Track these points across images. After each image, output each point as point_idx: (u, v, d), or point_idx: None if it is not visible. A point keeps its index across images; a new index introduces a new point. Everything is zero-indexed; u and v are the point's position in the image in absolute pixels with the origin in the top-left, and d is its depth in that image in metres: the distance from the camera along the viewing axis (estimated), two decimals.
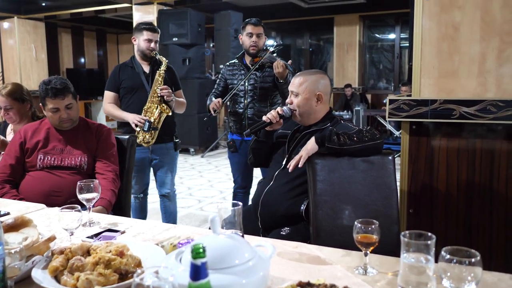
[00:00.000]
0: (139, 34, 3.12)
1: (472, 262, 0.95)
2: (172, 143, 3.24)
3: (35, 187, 2.24)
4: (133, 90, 3.12)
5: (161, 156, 3.20)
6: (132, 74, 3.14)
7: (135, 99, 3.12)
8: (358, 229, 1.24)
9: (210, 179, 6.00)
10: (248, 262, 1.01)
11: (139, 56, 3.16)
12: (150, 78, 3.12)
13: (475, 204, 2.24)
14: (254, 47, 3.11)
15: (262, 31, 3.14)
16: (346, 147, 1.87)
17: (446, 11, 2.20)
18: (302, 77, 2.14)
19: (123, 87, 3.14)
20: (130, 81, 3.13)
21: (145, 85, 3.11)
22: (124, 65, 3.21)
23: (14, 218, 1.37)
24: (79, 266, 1.14)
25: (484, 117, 2.13)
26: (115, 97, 3.18)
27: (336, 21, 9.95)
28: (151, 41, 3.09)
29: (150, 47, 3.09)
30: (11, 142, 2.38)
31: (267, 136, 2.27)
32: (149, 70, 3.15)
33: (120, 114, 3.12)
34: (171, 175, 3.32)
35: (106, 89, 3.20)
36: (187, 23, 7.23)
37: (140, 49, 3.12)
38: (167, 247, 1.33)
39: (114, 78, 3.17)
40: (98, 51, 11.95)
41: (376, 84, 10.69)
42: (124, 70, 3.17)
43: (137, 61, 3.17)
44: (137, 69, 3.14)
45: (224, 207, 1.26)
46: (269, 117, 2.18)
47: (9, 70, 8.94)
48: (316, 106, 2.12)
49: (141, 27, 3.13)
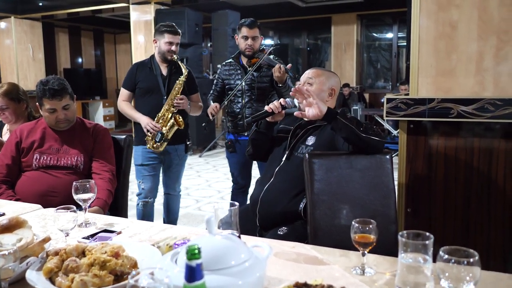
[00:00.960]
0: (160, 36, 3.08)
1: (470, 262, 0.94)
2: (183, 145, 3.21)
3: (31, 187, 2.23)
4: (148, 92, 3.09)
5: (171, 157, 3.18)
6: (150, 75, 3.09)
7: (149, 101, 3.08)
8: (356, 229, 1.23)
9: (208, 178, 5.99)
10: (244, 263, 1.00)
11: (159, 58, 3.11)
12: (167, 81, 3.08)
13: (473, 203, 2.24)
14: (250, 49, 3.10)
15: (257, 33, 3.12)
16: (353, 128, 1.82)
17: (443, 10, 2.19)
18: (319, 70, 2.20)
19: (138, 87, 3.11)
20: (146, 82, 3.09)
21: (161, 88, 3.07)
22: (143, 64, 3.16)
23: (9, 219, 1.36)
24: (74, 268, 1.13)
25: (482, 116, 2.13)
26: (130, 95, 3.15)
27: (333, 20, 9.95)
28: (172, 44, 3.05)
29: (171, 49, 3.05)
30: (7, 142, 2.36)
31: (267, 128, 2.26)
32: (167, 73, 3.11)
33: (133, 114, 3.09)
34: (178, 177, 3.30)
35: (123, 86, 3.17)
36: (184, 22, 7.21)
37: (161, 51, 3.08)
38: (163, 248, 1.32)
39: (130, 76, 3.14)
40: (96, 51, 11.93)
41: (374, 83, 10.69)
42: (142, 69, 3.12)
43: (156, 62, 3.12)
44: (155, 70, 3.09)
45: (220, 207, 1.25)
46: (272, 107, 2.18)
47: (6, 70, 8.92)
48: (327, 100, 2.14)
49: (162, 29, 3.08)
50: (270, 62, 3.02)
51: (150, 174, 3.15)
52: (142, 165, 3.13)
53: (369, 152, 1.88)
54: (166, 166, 3.23)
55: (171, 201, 3.35)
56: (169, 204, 3.37)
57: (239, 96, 3.14)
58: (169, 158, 3.18)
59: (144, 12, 7.58)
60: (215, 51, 7.83)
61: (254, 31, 3.10)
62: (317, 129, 2.12)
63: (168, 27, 3.08)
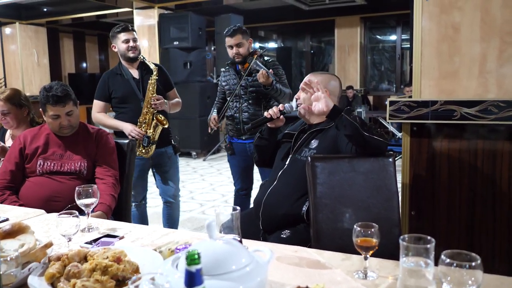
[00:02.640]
0: (116, 39, 3.03)
1: (472, 266, 0.94)
2: (171, 147, 3.17)
3: (35, 193, 2.23)
4: (125, 99, 3.04)
5: (161, 161, 3.14)
6: (122, 82, 3.04)
7: (127, 108, 3.04)
8: (358, 232, 1.22)
9: (212, 182, 5.99)
10: (245, 267, 1.00)
11: (125, 61, 3.07)
12: (141, 84, 3.04)
13: (478, 205, 2.23)
14: (238, 56, 3.11)
15: (241, 39, 3.10)
16: (357, 125, 1.82)
17: (445, 12, 2.19)
18: (313, 75, 2.19)
19: (114, 97, 3.05)
20: (120, 90, 3.03)
21: (136, 92, 3.02)
22: (113, 73, 3.10)
23: (11, 225, 1.36)
24: (76, 273, 1.13)
25: (485, 118, 2.12)
26: (105, 106, 3.10)
27: (337, 23, 9.95)
28: (128, 40, 2.99)
29: (130, 46, 2.99)
30: (11, 148, 2.38)
31: (270, 134, 2.27)
32: (139, 76, 3.06)
33: (114, 123, 3.04)
34: (174, 181, 3.25)
35: (95, 98, 3.10)
36: (187, 26, 7.24)
37: (122, 53, 3.03)
38: (165, 253, 1.32)
39: (103, 87, 3.07)
40: (100, 55, 11.99)
41: (377, 85, 10.67)
42: (113, 78, 3.06)
43: (124, 67, 3.07)
44: (126, 76, 3.04)
45: (222, 211, 1.25)
46: (270, 113, 2.21)
47: (11, 75, 8.98)
48: None
49: (114, 32, 3.04)
50: (257, 67, 3.03)
51: (138, 180, 3.10)
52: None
53: (371, 152, 1.88)
54: (158, 171, 3.19)
55: (171, 210, 3.29)
56: (168, 214, 3.30)
57: (236, 101, 3.17)
58: (159, 162, 3.14)
59: (147, 17, 7.62)
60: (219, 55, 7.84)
61: (236, 38, 3.10)
62: (320, 132, 2.11)
63: (119, 27, 3.04)
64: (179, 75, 7.39)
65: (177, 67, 7.40)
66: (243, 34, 3.13)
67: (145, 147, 3.00)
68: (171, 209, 3.29)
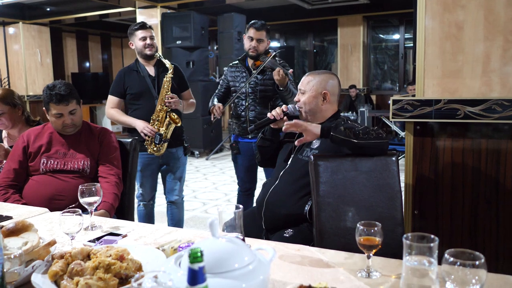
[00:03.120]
0: (133, 37, 3.07)
1: (476, 265, 0.93)
2: (181, 148, 3.18)
3: (38, 191, 2.24)
4: (139, 96, 3.05)
5: (170, 161, 3.14)
6: (138, 79, 3.06)
7: (141, 105, 3.06)
8: (361, 231, 1.22)
9: (214, 181, 6.00)
10: (248, 265, 0.99)
11: (141, 58, 3.10)
12: (156, 82, 3.06)
13: (481, 204, 2.22)
14: (253, 50, 3.10)
15: (264, 36, 3.11)
16: (350, 140, 1.84)
17: (449, 11, 2.18)
18: (311, 76, 2.18)
19: (129, 93, 3.07)
20: (136, 87, 3.05)
21: (151, 89, 3.05)
22: (129, 69, 3.13)
23: (15, 223, 1.37)
24: (79, 271, 1.13)
25: (489, 117, 2.11)
26: (119, 102, 3.12)
27: (339, 22, 9.93)
28: (145, 38, 3.03)
29: (146, 44, 3.03)
30: (14, 147, 2.38)
31: (273, 135, 2.27)
32: (155, 73, 3.09)
33: (126, 120, 3.05)
34: (180, 182, 3.26)
35: (110, 93, 3.12)
36: (190, 26, 7.24)
37: (139, 50, 3.06)
38: (168, 251, 1.32)
39: (119, 83, 3.10)
40: (103, 55, 12.01)
41: (381, 84, 10.65)
42: (130, 74, 3.09)
43: (141, 64, 3.10)
44: (142, 72, 3.07)
45: (224, 210, 1.25)
46: (274, 114, 2.21)
47: (15, 75, 9.01)
48: (322, 105, 2.13)
49: (132, 29, 3.08)
50: (273, 66, 3.01)
51: (148, 179, 3.12)
52: (140, 171, 3.09)
53: (373, 155, 1.88)
54: (165, 171, 3.19)
55: (175, 210, 3.29)
56: (173, 214, 3.30)
57: (242, 99, 3.14)
58: (168, 162, 3.14)
59: (150, 16, 7.63)
60: (221, 54, 7.85)
61: (260, 33, 3.09)
62: None
63: (137, 25, 3.08)
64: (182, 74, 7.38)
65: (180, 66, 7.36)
66: (267, 32, 3.14)
67: (157, 145, 3.00)
68: (176, 209, 3.29)
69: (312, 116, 2.15)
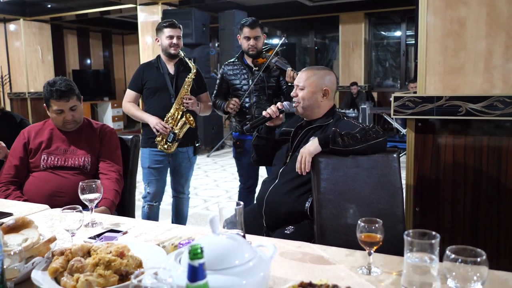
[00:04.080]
0: (161, 33, 3.07)
1: (477, 262, 0.93)
2: (192, 147, 3.16)
3: (39, 188, 2.24)
4: (156, 91, 3.05)
5: (179, 159, 3.13)
6: (157, 75, 3.06)
7: (157, 101, 3.05)
8: (362, 228, 1.22)
9: (215, 178, 6.00)
10: (248, 262, 0.99)
11: (165, 55, 3.09)
12: (175, 80, 3.06)
13: (482, 201, 2.21)
14: (253, 49, 3.09)
15: (259, 32, 3.09)
16: (350, 148, 1.85)
17: (451, 7, 2.17)
18: (310, 71, 2.16)
19: (146, 88, 3.07)
20: (154, 82, 3.05)
21: (169, 87, 3.04)
22: (150, 64, 3.13)
23: (15, 219, 1.37)
24: (79, 267, 1.13)
25: (491, 114, 2.10)
26: (136, 96, 3.13)
27: (341, 19, 9.91)
28: (172, 37, 3.03)
29: (173, 43, 3.03)
30: (15, 143, 2.38)
31: (268, 133, 2.26)
32: (174, 72, 3.08)
33: (140, 115, 3.05)
34: (187, 180, 3.26)
35: (129, 87, 3.14)
36: (191, 23, 7.23)
37: (164, 48, 3.06)
38: (168, 248, 1.32)
39: (137, 77, 3.11)
40: (104, 52, 12.00)
41: (382, 82, 10.64)
42: (149, 70, 3.10)
43: (162, 61, 3.10)
44: (162, 69, 3.06)
45: (225, 206, 1.25)
46: (269, 112, 2.21)
47: (16, 71, 9.01)
48: (322, 101, 2.12)
49: (161, 25, 3.08)
50: (282, 67, 3.00)
51: (156, 178, 3.11)
52: (149, 168, 3.10)
53: (374, 153, 1.88)
54: (174, 169, 3.19)
55: (180, 204, 3.31)
56: (178, 207, 3.33)
57: (246, 96, 3.12)
58: (177, 160, 3.13)
59: (151, 13, 7.62)
60: (222, 51, 7.83)
61: (255, 31, 3.08)
62: (319, 129, 2.10)
63: (166, 22, 3.07)
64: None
65: None
66: (261, 28, 3.13)
67: (168, 143, 2.99)
68: (180, 203, 3.30)
69: (309, 112, 2.14)
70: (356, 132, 1.87)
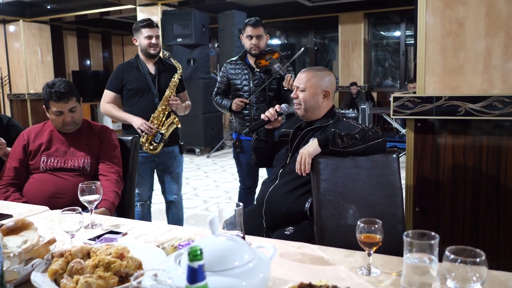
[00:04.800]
0: (138, 33, 3.02)
1: (477, 262, 0.93)
2: (177, 147, 3.14)
3: (39, 190, 2.24)
4: (138, 93, 3.00)
5: (167, 161, 3.11)
6: (138, 76, 3.01)
7: (140, 102, 3.00)
8: (361, 228, 1.22)
9: (215, 179, 6.00)
10: (248, 263, 0.99)
11: (144, 56, 3.06)
12: (157, 80, 3.03)
13: (482, 201, 2.21)
14: (255, 48, 3.08)
15: (262, 31, 3.10)
16: (350, 149, 1.85)
17: (450, 7, 2.17)
18: (310, 73, 2.15)
19: (127, 89, 3.02)
20: (135, 83, 3.00)
21: (151, 87, 3.00)
22: (129, 65, 3.08)
23: (15, 221, 1.37)
24: (79, 269, 1.13)
25: (490, 114, 2.10)
26: (116, 97, 3.07)
27: (340, 19, 9.91)
28: (151, 37, 2.99)
29: (151, 43, 2.99)
30: (15, 145, 2.38)
31: (267, 135, 2.26)
32: (155, 71, 3.05)
33: (123, 116, 2.99)
34: (178, 181, 3.22)
35: (107, 88, 3.07)
36: (191, 23, 7.23)
37: (143, 48, 3.02)
38: (168, 249, 1.32)
39: (117, 78, 3.05)
40: (104, 53, 12.00)
41: (381, 82, 10.64)
42: (129, 70, 3.04)
43: (142, 61, 3.05)
44: (142, 70, 3.02)
45: (224, 207, 1.25)
46: (267, 115, 2.21)
47: (15, 73, 9.01)
48: (322, 102, 2.12)
49: (138, 25, 3.03)
50: (282, 72, 2.99)
51: (144, 178, 3.08)
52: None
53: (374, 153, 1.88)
54: (163, 171, 3.15)
55: (174, 210, 3.26)
56: (173, 213, 3.27)
57: (246, 97, 3.12)
58: (165, 161, 3.10)
59: (151, 14, 7.62)
60: (222, 51, 7.83)
61: (258, 30, 3.08)
62: (318, 130, 2.10)
63: (143, 22, 3.02)
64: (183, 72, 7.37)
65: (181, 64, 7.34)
66: (264, 28, 3.12)
67: (155, 144, 2.96)
68: (175, 208, 3.26)
69: (310, 113, 2.14)
70: (356, 133, 1.87)
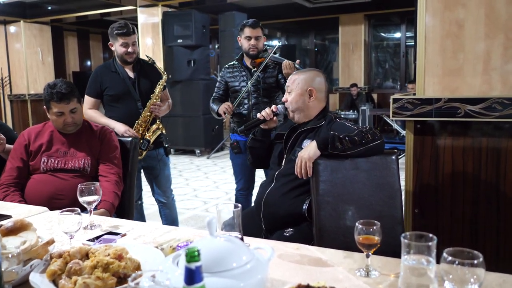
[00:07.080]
0: (114, 39, 2.92)
1: (474, 264, 0.93)
2: (162, 149, 3.10)
3: (39, 190, 2.24)
4: (119, 98, 2.94)
5: (152, 164, 3.09)
6: (117, 81, 2.94)
7: (121, 108, 2.95)
8: (359, 230, 1.22)
9: (215, 180, 5.99)
10: (246, 265, 0.99)
11: (120, 61, 2.97)
12: (137, 84, 2.96)
13: (482, 203, 2.21)
14: (254, 49, 3.09)
15: (260, 32, 3.10)
16: (349, 152, 1.85)
17: (449, 9, 2.17)
18: (296, 74, 2.18)
19: (107, 94, 2.96)
20: (115, 89, 2.94)
21: (132, 92, 2.93)
22: (106, 68, 2.99)
23: (14, 222, 1.37)
24: (77, 270, 1.13)
25: (489, 115, 2.10)
26: (97, 103, 3.00)
27: (341, 20, 9.92)
28: (127, 45, 2.89)
29: (127, 51, 2.89)
30: (15, 145, 2.38)
31: (263, 135, 2.27)
32: (135, 75, 2.97)
33: (106, 122, 2.87)
34: (166, 181, 3.20)
35: (87, 93, 2.99)
36: (191, 24, 7.24)
37: (119, 55, 2.93)
38: (167, 250, 1.32)
39: (95, 83, 2.97)
40: (104, 54, 12.01)
41: (382, 83, 10.64)
42: (107, 74, 2.96)
43: (119, 64, 2.97)
44: (121, 74, 2.94)
45: (223, 208, 1.25)
46: (263, 114, 2.23)
47: (16, 73, 9.02)
48: (309, 102, 2.12)
49: (114, 32, 2.90)
50: (277, 60, 3.01)
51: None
52: None
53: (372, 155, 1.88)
54: (149, 174, 3.13)
55: (167, 211, 3.25)
56: (166, 215, 3.26)
57: (245, 98, 3.12)
58: (150, 164, 3.08)
59: (151, 15, 7.63)
60: (222, 52, 7.84)
61: (256, 31, 3.09)
62: (312, 131, 2.10)
63: (119, 29, 2.88)
64: (183, 73, 7.40)
65: (181, 65, 7.40)
66: (262, 29, 3.14)
67: (142, 150, 2.93)
68: (168, 210, 3.26)
69: (299, 114, 2.14)
70: (355, 135, 1.87)
